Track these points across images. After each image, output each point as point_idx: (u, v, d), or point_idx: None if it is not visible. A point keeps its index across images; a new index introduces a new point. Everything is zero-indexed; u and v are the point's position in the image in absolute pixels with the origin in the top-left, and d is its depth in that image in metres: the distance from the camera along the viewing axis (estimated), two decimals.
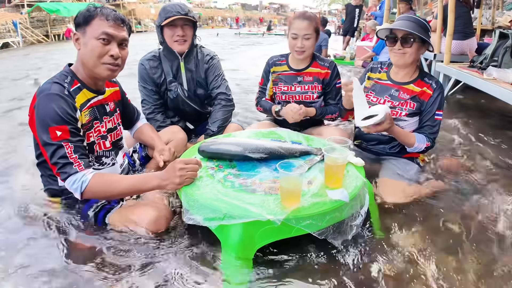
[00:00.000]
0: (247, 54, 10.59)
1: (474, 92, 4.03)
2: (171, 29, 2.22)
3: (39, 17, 19.35)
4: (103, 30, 1.48)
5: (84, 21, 1.50)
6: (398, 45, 1.89)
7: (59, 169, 1.43)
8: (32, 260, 1.44)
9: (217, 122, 2.38)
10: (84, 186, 1.43)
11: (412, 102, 1.95)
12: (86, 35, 1.50)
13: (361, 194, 1.45)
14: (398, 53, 1.90)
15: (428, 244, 1.56)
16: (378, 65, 2.16)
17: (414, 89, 1.96)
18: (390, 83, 2.04)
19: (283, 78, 2.38)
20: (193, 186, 1.45)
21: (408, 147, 1.93)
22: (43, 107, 1.43)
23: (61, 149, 1.42)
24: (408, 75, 2.00)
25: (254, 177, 1.52)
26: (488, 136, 3.00)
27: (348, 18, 9.75)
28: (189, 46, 2.28)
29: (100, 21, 1.49)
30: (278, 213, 1.25)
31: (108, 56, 1.52)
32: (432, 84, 1.94)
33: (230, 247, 1.33)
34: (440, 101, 1.92)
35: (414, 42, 1.86)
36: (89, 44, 1.50)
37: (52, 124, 1.41)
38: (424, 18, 1.92)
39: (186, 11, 2.18)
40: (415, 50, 1.88)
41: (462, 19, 4.68)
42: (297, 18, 2.22)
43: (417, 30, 1.84)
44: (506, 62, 3.65)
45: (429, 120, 1.92)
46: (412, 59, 1.91)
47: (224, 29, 30.51)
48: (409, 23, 1.87)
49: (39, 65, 8.34)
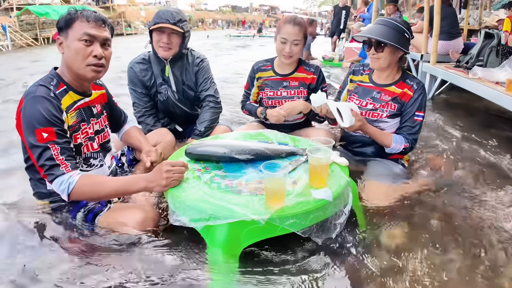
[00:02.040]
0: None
1: (461, 91, 4.10)
2: (158, 34, 2.23)
3: (28, 20, 19.18)
4: (85, 31, 1.50)
5: (66, 24, 1.51)
6: (372, 50, 1.93)
7: (46, 171, 1.44)
8: (20, 263, 1.44)
9: (205, 123, 2.39)
10: (71, 187, 1.44)
11: (393, 103, 1.97)
12: (69, 38, 1.52)
13: (345, 193, 1.47)
14: (373, 57, 1.95)
15: (413, 242, 1.59)
16: (361, 67, 2.19)
17: (395, 90, 1.98)
18: (372, 85, 2.06)
19: (269, 83, 2.39)
20: (180, 188, 1.46)
21: (385, 147, 1.96)
22: (29, 109, 1.43)
23: (47, 151, 1.42)
24: (390, 77, 2.02)
25: (240, 178, 1.54)
26: (474, 134, 3.06)
27: (335, 19, 9.91)
28: (174, 54, 2.29)
29: (81, 23, 1.51)
30: (263, 213, 1.27)
31: (92, 57, 1.53)
32: (413, 86, 1.96)
33: (216, 247, 1.34)
34: (420, 102, 1.94)
35: (385, 47, 1.89)
36: (72, 46, 1.51)
37: (38, 126, 1.41)
38: (403, 21, 1.95)
39: (176, 21, 2.18)
40: (388, 55, 1.90)
41: (448, 20, 4.77)
42: (287, 22, 2.22)
43: (390, 34, 1.86)
44: (491, 61, 3.73)
45: (408, 120, 1.94)
46: (387, 63, 1.94)
47: (215, 31, 30.48)
48: (382, 27, 1.90)
49: (29, 69, 8.27)
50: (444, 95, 4.68)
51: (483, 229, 1.70)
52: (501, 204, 1.91)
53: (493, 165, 2.45)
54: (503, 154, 2.60)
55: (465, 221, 1.76)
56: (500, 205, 1.91)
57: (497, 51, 3.71)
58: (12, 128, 1.63)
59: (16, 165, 2.38)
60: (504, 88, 2.97)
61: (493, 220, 1.77)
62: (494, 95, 3.04)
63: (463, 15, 6.45)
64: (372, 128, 1.93)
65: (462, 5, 5.93)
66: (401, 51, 1.92)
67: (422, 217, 1.77)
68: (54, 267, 1.40)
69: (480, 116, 3.78)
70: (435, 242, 1.58)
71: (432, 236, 1.63)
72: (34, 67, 8.61)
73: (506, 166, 2.42)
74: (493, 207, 1.88)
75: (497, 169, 2.40)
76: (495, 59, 3.70)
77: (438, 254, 1.51)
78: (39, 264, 1.43)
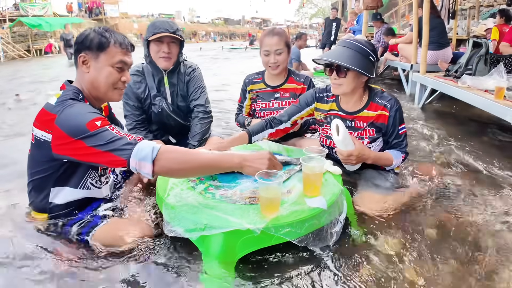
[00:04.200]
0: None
1: (450, 100, 4.15)
2: (157, 45, 2.24)
3: (21, 31, 19.16)
4: (120, 59, 1.53)
5: (99, 46, 1.51)
6: (334, 74, 1.79)
7: (117, 151, 1.32)
8: (12, 276, 1.42)
9: (197, 136, 2.39)
10: (155, 152, 1.30)
11: (370, 128, 1.89)
12: (100, 61, 1.52)
13: (339, 201, 1.48)
14: (335, 83, 1.81)
15: (408, 249, 1.60)
16: (324, 93, 2.01)
17: (368, 114, 1.87)
18: (342, 114, 1.93)
19: (261, 95, 2.43)
20: (174, 198, 1.46)
21: (388, 166, 1.91)
22: (71, 114, 1.40)
23: (106, 132, 1.35)
24: (358, 102, 1.90)
25: (235, 188, 1.54)
26: (464, 142, 3.09)
27: (326, 31, 10.10)
28: (174, 63, 2.31)
29: (115, 48, 1.53)
30: (258, 222, 1.27)
31: (121, 82, 1.57)
32: (386, 105, 1.84)
33: (211, 257, 1.34)
34: (400, 117, 1.86)
35: (348, 72, 1.75)
36: (104, 71, 1.53)
37: (87, 120, 1.36)
38: (367, 42, 1.80)
39: (175, 30, 2.21)
40: (352, 80, 1.77)
41: (437, 30, 4.86)
42: (266, 35, 2.28)
43: (354, 58, 1.71)
44: (480, 70, 3.80)
45: (394, 138, 1.89)
46: (350, 89, 1.80)
47: (208, 44, 30.63)
48: (345, 50, 1.75)
49: (21, 80, 8.23)
50: (434, 104, 4.74)
51: (477, 236, 1.71)
52: (493, 211, 1.93)
53: (483, 172, 2.47)
54: (493, 161, 2.63)
55: (459, 228, 1.77)
56: (492, 211, 1.92)
57: (485, 59, 3.78)
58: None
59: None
60: (493, 96, 3.02)
61: (486, 227, 1.78)
62: (483, 103, 3.09)
63: (451, 25, 6.58)
64: (372, 153, 1.80)
65: (450, 16, 6.06)
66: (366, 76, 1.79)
67: (416, 225, 1.78)
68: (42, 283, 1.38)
69: (470, 124, 3.83)
70: (430, 250, 1.59)
71: (427, 244, 1.64)
72: (27, 78, 8.56)
73: (496, 173, 2.45)
74: (485, 214, 1.90)
75: (488, 176, 2.42)
76: (484, 68, 3.77)
77: (433, 263, 1.52)
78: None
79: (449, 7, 5.96)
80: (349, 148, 1.71)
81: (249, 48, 22.58)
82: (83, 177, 1.60)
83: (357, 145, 1.74)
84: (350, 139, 1.72)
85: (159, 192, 1.54)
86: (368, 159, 1.79)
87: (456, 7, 6.22)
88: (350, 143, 1.71)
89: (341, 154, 1.73)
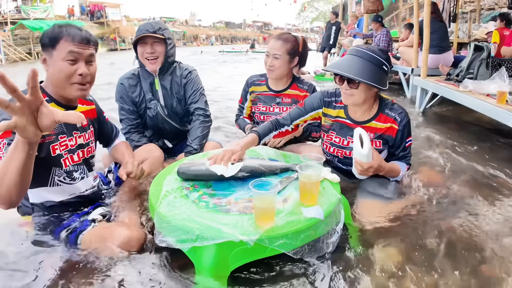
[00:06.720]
0: None
1: (452, 104, 4.11)
2: (142, 46, 2.22)
3: (22, 34, 19.26)
4: (70, 49, 1.47)
5: (50, 43, 1.49)
6: (345, 84, 1.72)
7: None
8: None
9: (197, 140, 2.34)
10: None
11: (377, 140, 1.83)
12: (53, 57, 1.49)
13: (336, 211, 1.43)
14: (346, 93, 1.74)
15: (407, 259, 1.55)
16: (332, 98, 1.94)
17: (377, 126, 1.82)
18: (350, 122, 1.87)
19: (262, 98, 2.39)
20: (166, 207, 1.41)
21: (394, 177, 1.87)
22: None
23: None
24: (368, 112, 1.83)
25: (230, 196, 1.50)
26: (466, 147, 3.05)
27: (326, 35, 10.10)
28: (161, 63, 2.26)
29: (66, 42, 1.48)
30: (252, 233, 1.22)
31: (77, 75, 1.50)
32: (396, 118, 1.79)
33: (203, 269, 1.29)
34: (408, 130, 1.81)
35: (360, 83, 1.68)
36: (57, 66, 1.48)
37: None
38: (380, 50, 1.72)
39: (156, 29, 2.17)
40: (364, 92, 1.71)
41: (438, 34, 4.82)
42: (274, 37, 2.26)
43: (366, 69, 1.64)
44: (481, 74, 3.75)
45: (401, 150, 1.85)
46: (362, 100, 1.74)
47: (208, 47, 30.70)
48: (357, 60, 1.68)
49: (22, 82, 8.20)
50: (435, 108, 4.69)
51: (481, 245, 1.66)
52: (497, 219, 1.88)
53: (486, 178, 2.43)
54: (495, 166, 2.58)
55: (461, 237, 1.72)
56: (496, 219, 1.88)
57: (487, 63, 3.73)
58: None
59: None
60: (495, 100, 2.98)
61: (490, 235, 1.73)
62: (485, 108, 3.04)
63: (452, 29, 6.55)
64: (387, 165, 1.74)
65: (451, 19, 6.03)
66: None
67: (416, 235, 1.73)
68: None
69: (471, 129, 3.78)
70: (431, 260, 1.54)
71: (428, 254, 1.59)
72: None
73: (499, 179, 2.40)
74: (489, 222, 1.85)
75: (491, 182, 2.37)
76: (485, 72, 3.72)
77: (434, 272, 1.47)
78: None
79: (450, 11, 5.93)
80: (370, 160, 1.64)
81: (250, 51, 22.62)
82: (49, 175, 1.56)
83: (376, 156, 1.67)
84: (371, 151, 1.65)
85: (152, 200, 1.48)
86: (383, 171, 1.74)
87: (457, 10, 6.19)
88: (371, 155, 1.65)
89: (362, 165, 1.64)
